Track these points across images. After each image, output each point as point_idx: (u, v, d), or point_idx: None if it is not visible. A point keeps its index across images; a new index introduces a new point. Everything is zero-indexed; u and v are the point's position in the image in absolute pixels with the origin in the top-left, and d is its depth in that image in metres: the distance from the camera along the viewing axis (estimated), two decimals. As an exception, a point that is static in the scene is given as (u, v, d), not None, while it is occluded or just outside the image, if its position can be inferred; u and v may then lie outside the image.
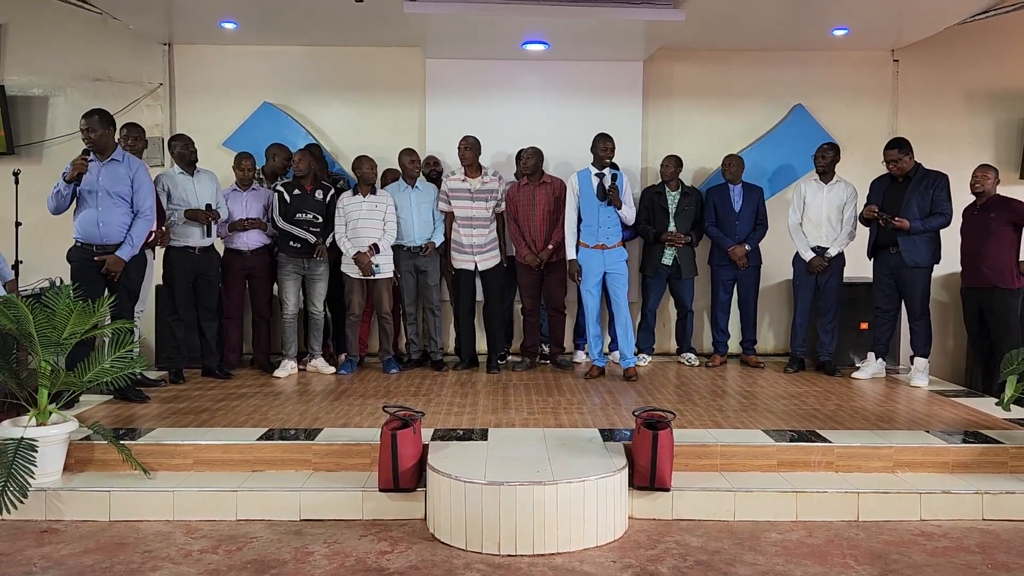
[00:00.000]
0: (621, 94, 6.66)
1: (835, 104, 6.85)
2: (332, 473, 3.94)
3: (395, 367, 5.92)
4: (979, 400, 5.11)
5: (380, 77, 6.75)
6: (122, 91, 6.66)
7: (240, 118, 6.65)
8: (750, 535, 3.55)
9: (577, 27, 5.74)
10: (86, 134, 4.62)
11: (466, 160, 5.80)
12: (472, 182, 5.82)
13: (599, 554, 3.35)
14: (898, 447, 4.02)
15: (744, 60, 6.83)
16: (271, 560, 3.27)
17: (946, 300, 6.90)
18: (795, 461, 4.00)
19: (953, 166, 6.01)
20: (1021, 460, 4.02)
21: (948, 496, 3.77)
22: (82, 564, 3.24)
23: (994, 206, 5.40)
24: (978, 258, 5.42)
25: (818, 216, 5.85)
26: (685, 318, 6.43)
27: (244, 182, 5.76)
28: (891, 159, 5.46)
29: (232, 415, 4.59)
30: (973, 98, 6.89)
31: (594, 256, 5.57)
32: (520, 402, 4.97)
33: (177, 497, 3.71)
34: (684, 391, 5.35)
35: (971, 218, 5.55)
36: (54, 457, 3.83)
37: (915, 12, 5.81)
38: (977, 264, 5.44)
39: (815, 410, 4.77)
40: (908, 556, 3.34)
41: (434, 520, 3.55)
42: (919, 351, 5.58)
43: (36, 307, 3.92)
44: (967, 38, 6.68)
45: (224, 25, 6.11)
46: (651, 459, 3.64)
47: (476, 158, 5.82)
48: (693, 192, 6.30)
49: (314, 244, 5.67)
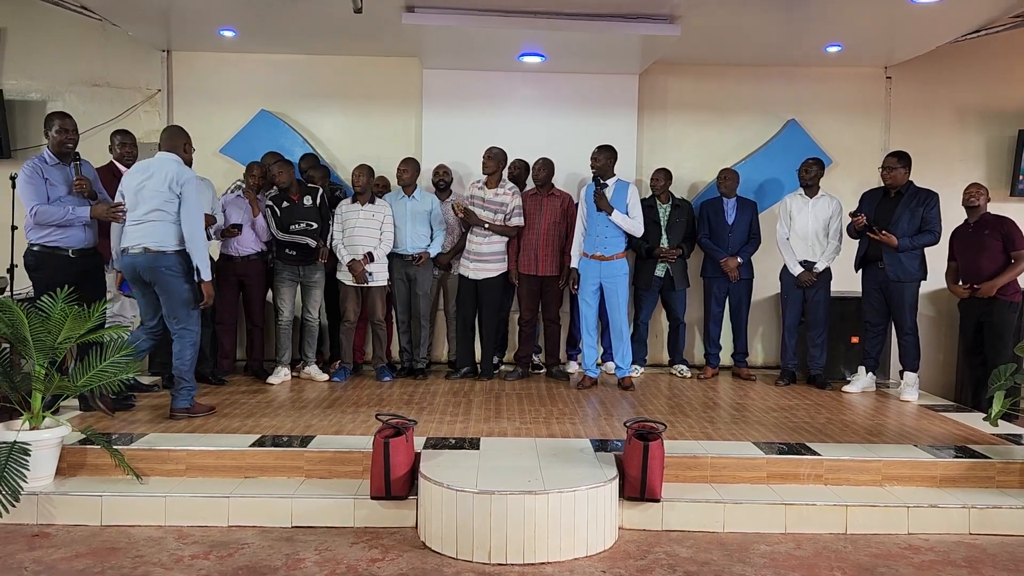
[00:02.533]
0: (616, 107, 6.71)
1: (828, 120, 6.91)
2: (324, 480, 3.95)
3: (388, 375, 5.94)
4: (968, 415, 5.15)
5: (377, 87, 6.80)
6: (120, 97, 6.69)
7: (237, 125, 6.68)
8: (739, 547, 3.57)
9: (574, 40, 5.80)
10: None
11: (487, 169, 5.86)
12: (487, 192, 5.87)
13: (589, 564, 3.37)
14: (887, 461, 4.06)
15: (739, 75, 6.89)
16: (262, 567, 3.28)
17: (934, 315, 6.95)
18: (785, 473, 4.03)
19: (944, 183, 6.08)
20: (1008, 475, 4.05)
21: (936, 510, 3.80)
22: (73, 568, 3.25)
23: (987, 224, 5.46)
24: (977, 272, 5.46)
25: (804, 230, 5.90)
26: (677, 330, 6.47)
27: (253, 189, 5.77)
28: (887, 166, 5.51)
29: (225, 421, 4.59)
30: (965, 116, 6.97)
31: (591, 266, 5.61)
32: (512, 412, 4.98)
33: (169, 503, 3.72)
34: (675, 403, 5.37)
35: (965, 236, 5.60)
36: (47, 461, 3.82)
37: (908, 30, 5.89)
38: (974, 277, 5.48)
39: (805, 423, 4.81)
40: (895, 569, 3.37)
41: (425, 528, 3.57)
42: (908, 365, 5.62)
43: (31, 311, 3.93)
44: (959, 56, 6.76)
45: (223, 33, 6.15)
46: (642, 470, 3.67)
47: (497, 168, 5.87)
48: (684, 204, 6.35)
49: (316, 248, 5.68)
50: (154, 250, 4.42)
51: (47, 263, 4.52)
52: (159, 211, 4.42)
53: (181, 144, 4.63)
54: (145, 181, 4.44)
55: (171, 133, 4.66)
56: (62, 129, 4.54)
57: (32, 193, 4.44)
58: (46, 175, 4.48)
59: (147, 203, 4.43)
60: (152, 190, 4.42)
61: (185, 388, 4.62)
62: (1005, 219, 5.45)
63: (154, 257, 4.42)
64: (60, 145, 4.55)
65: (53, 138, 4.54)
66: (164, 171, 4.45)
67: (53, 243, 4.53)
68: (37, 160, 4.54)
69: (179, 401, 4.61)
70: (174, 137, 4.63)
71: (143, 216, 4.44)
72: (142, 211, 4.44)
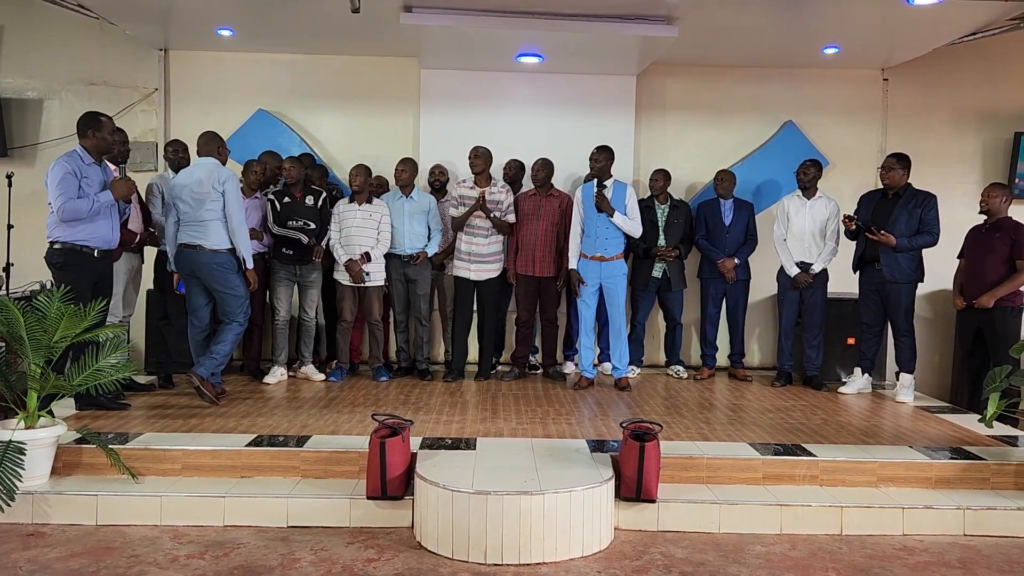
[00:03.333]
0: (614, 107, 6.72)
1: (825, 121, 6.93)
2: (320, 480, 3.95)
3: (385, 375, 5.94)
4: (963, 416, 5.16)
5: (375, 86, 6.80)
6: (117, 96, 6.68)
7: (235, 124, 6.66)
8: (734, 547, 3.57)
9: (571, 41, 5.80)
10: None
11: (475, 168, 5.81)
12: (477, 191, 5.85)
13: (584, 564, 3.37)
14: (882, 462, 4.06)
15: (736, 76, 6.90)
16: (258, 566, 3.28)
17: (931, 316, 6.97)
18: (780, 474, 4.03)
19: (941, 185, 6.09)
20: (1003, 476, 4.06)
21: (930, 511, 3.81)
22: (69, 568, 3.24)
23: (1002, 227, 5.35)
24: (982, 276, 5.37)
25: (801, 232, 5.91)
26: (674, 330, 6.48)
27: (251, 187, 5.77)
28: (887, 166, 5.51)
29: (221, 421, 4.59)
30: (962, 118, 6.99)
31: (591, 267, 5.61)
32: (509, 412, 4.99)
33: (165, 502, 3.72)
34: (672, 403, 5.38)
35: (977, 236, 5.52)
36: (42, 460, 3.82)
37: (905, 32, 5.90)
38: (981, 282, 5.37)
39: (801, 424, 4.81)
40: (890, 570, 3.38)
41: (421, 528, 3.57)
42: (904, 367, 5.63)
43: (27, 310, 3.92)
44: (956, 59, 6.78)
45: (221, 32, 6.15)
46: (638, 470, 3.67)
47: (486, 167, 5.84)
48: (682, 205, 6.36)
49: (308, 245, 5.68)
50: (208, 248, 4.89)
51: (74, 262, 4.51)
52: (210, 211, 4.89)
53: (216, 147, 5.04)
54: (193, 185, 4.91)
55: (207, 138, 5.06)
56: (113, 131, 4.62)
57: (67, 188, 4.38)
58: (84, 173, 4.46)
59: (201, 205, 4.89)
60: (201, 193, 4.88)
61: (212, 362, 4.94)
62: (1021, 225, 5.33)
63: (210, 255, 4.89)
64: (111, 147, 4.62)
65: (104, 139, 4.56)
66: (208, 173, 4.91)
67: (82, 242, 4.51)
68: (71, 157, 4.47)
69: (201, 368, 4.89)
70: (210, 142, 5.05)
71: (198, 217, 4.90)
72: (197, 213, 4.89)
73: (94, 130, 4.54)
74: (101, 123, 4.56)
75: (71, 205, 4.39)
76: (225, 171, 4.97)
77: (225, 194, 4.90)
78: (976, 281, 5.44)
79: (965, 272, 5.59)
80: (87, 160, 4.52)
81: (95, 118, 4.57)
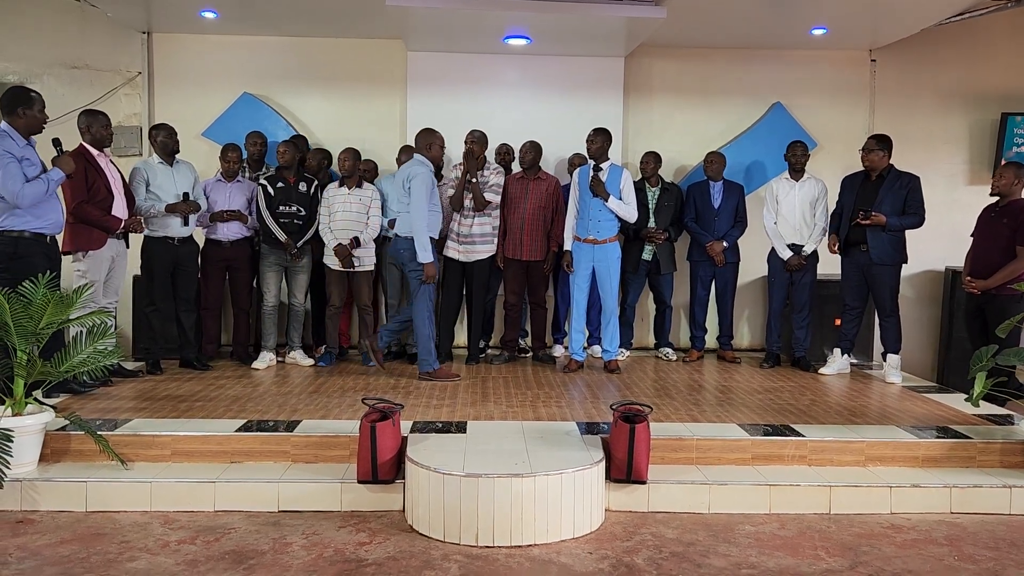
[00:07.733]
0: (602, 90, 6.69)
1: (813, 103, 6.93)
2: (311, 465, 3.95)
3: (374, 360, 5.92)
4: (950, 396, 5.20)
5: (361, 69, 6.74)
6: (100, 79, 6.60)
7: (220, 108, 6.61)
8: (724, 527, 3.60)
9: (559, 23, 5.76)
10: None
11: (474, 154, 5.77)
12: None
13: (576, 546, 3.39)
14: (870, 442, 4.10)
15: (724, 58, 6.88)
16: (249, 551, 3.27)
17: (914, 297, 7.00)
18: (769, 455, 4.06)
19: (928, 167, 6.12)
20: (989, 455, 4.11)
21: (917, 490, 3.85)
22: (58, 554, 3.23)
23: (1009, 210, 5.11)
24: (988, 259, 5.17)
25: (791, 214, 5.91)
26: (664, 313, 6.49)
27: (229, 173, 5.73)
28: (868, 148, 5.49)
29: (210, 406, 4.57)
30: (948, 99, 7.00)
31: (584, 250, 5.60)
32: (499, 395, 4.99)
33: (155, 488, 3.70)
34: (661, 385, 5.40)
35: (987, 217, 5.32)
36: (30, 447, 3.80)
37: (892, 13, 5.89)
38: (987, 264, 5.17)
39: (789, 405, 4.84)
40: (878, 548, 3.41)
41: (412, 512, 3.57)
42: (890, 347, 5.66)
43: (12, 297, 3.89)
44: (943, 40, 6.79)
45: (204, 14, 6.07)
46: (628, 452, 3.68)
47: (481, 151, 5.81)
48: (673, 188, 6.35)
49: (283, 243, 5.63)
50: (403, 236, 5.25)
51: (29, 251, 4.35)
52: (401, 204, 5.29)
53: (425, 144, 5.30)
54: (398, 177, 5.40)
55: (416, 136, 5.38)
56: (43, 108, 4.42)
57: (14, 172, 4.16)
58: (23, 155, 4.27)
59: (403, 197, 5.25)
60: (399, 187, 5.31)
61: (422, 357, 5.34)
62: None
63: (407, 242, 5.21)
64: (41, 125, 4.44)
65: (35, 117, 4.36)
66: (405, 171, 5.28)
67: (36, 229, 4.38)
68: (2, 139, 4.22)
69: (423, 365, 5.34)
70: (419, 139, 5.35)
71: (401, 209, 5.32)
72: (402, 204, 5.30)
73: (24, 107, 4.28)
74: (32, 99, 4.31)
75: (30, 190, 4.21)
76: (417, 169, 5.19)
77: (411, 190, 5.16)
78: (980, 263, 5.25)
79: (972, 254, 5.41)
80: (20, 142, 4.29)
81: (25, 94, 4.32)
